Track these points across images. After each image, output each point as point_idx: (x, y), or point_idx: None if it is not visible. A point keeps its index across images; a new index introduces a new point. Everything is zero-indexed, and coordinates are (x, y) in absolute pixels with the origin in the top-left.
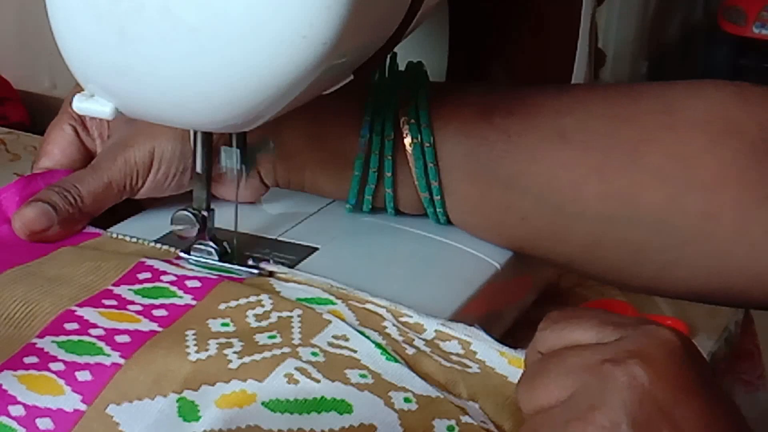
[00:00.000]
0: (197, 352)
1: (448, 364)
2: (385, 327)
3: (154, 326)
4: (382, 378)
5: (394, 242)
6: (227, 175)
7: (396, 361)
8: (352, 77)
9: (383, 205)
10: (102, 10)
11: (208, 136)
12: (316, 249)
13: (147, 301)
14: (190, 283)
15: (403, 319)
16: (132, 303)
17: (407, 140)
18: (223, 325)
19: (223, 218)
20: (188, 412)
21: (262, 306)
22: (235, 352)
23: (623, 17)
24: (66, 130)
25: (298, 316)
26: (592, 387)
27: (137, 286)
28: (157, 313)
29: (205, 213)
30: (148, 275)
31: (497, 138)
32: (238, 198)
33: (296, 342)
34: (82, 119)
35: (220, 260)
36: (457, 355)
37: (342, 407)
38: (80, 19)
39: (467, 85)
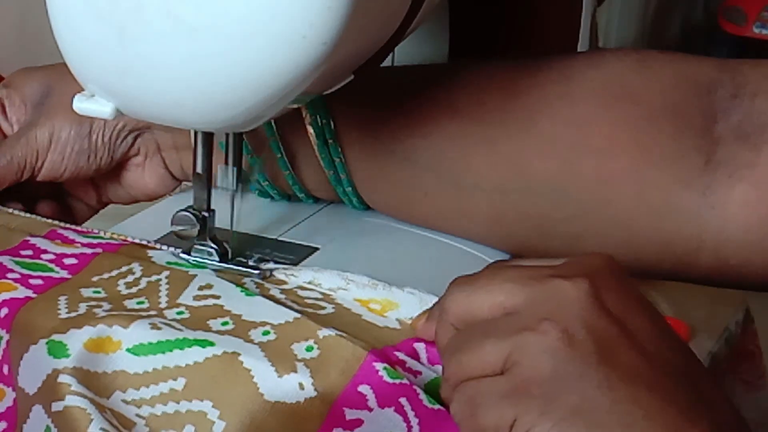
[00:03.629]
0: (68, 312)
1: (300, 307)
2: (244, 282)
3: (29, 293)
4: (242, 320)
5: (394, 242)
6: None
7: (255, 295)
8: (352, 77)
9: (291, 191)
10: (102, 10)
11: (208, 136)
12: (316, 249)
13: (25, 271)
14: (67, 261)
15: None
16: (11, 271)
17: (306, 119)
18: (95, 292)
19: (223, 218)
20: (57, 350)
21: (133, 274)
22: (104, 311)
23: (623, 17)
24: None
25: (166, 277)
26: (540, 302)
27: (17, 258)
28: (33, 282)
29: (205, 213)
30: (29, 252)
31: (391, 114)
32: (144, 190)
33: (163, 306)
34: (2, 104)
35: (220, 261)
36: (314, 299)
37: (204, 343)
38: (80, 19)
39: None
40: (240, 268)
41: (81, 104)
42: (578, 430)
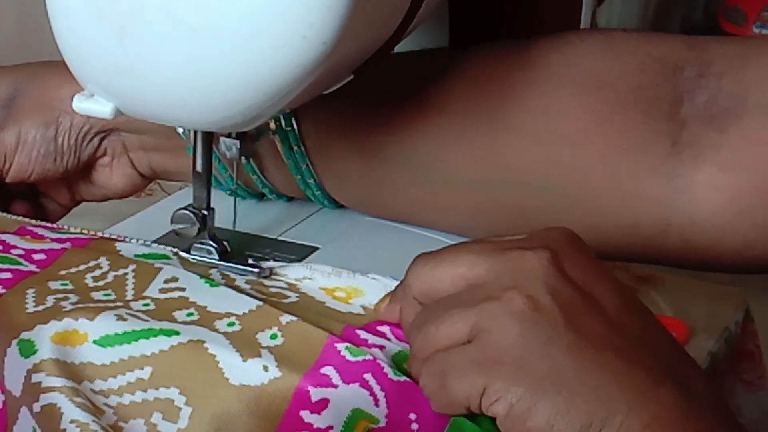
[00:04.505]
0: (35, 306)
1: (263, 296)
2: (210, 274)
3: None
4: (207, 311)
5: (394, 242)
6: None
7: (219, 285)
8: (352, 77)
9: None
10: (102, 10)
11: (208, 136)
12: (316, 249)
13: None
14: (36, 256)
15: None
16: None
17: (271, 124)
18: (63, 284)
19: (223, 218)
20: (26, 349)
21: (100, 268)
22: (71, 303)
23: (623, 17)
24: None
25: (133, 270)
26: (503, 272)
27: None
28: (2, 276)
29: (205, 212)
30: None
31: (358, 111)
32: (114, 189)
33: (129, 298)
34: None
35: (220, 259)
36: (279, 288)
37: (169, 333)
38: (80, 19)
39: None
40: (240, 266)
41: (81, 104)
42: (549, 396)
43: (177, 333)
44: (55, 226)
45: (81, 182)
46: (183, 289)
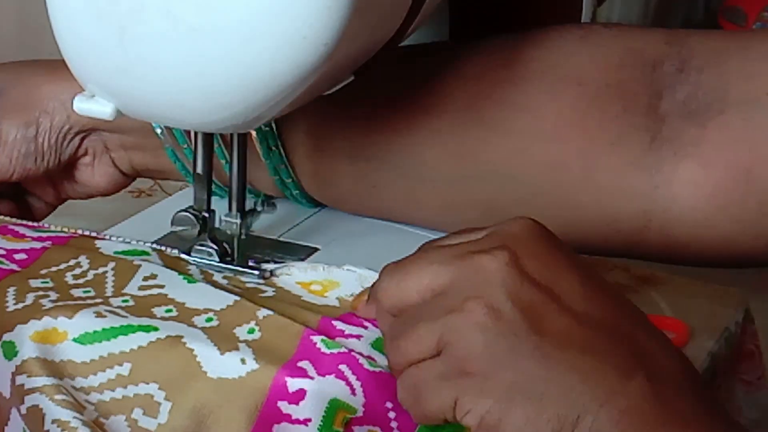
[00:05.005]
0: (15, 303)
1: (241, 291)
2: (189, 269)
3: None
4: (185, 307)
5: (394, 242)
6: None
7: (198, 282)
8: (352, 77)
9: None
10: (102, 10)
11: (208, 136)
12: (316, 249)
13: None
14: (17, 256)
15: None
16: None
17: None
18: (43, 282)
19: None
20: (8, 350)
21: (80, 266)
22: (50, 301)
23: (623, 17)
24: None
25: (112, 268)
26: (464, 281)
27: None
28: None
29: (205, 214)
30: None
31: (336, 111)
32: (97, 188)
33: (108, 294)
34: None
35: (220, 261)
36: (256, 283)
37: (148, 329)
38: (80, 19)
39: None
40: (240, 268)
41: (81, 104)
42: (519, 405)
43: (156, 329)
44: (35, 224)
45: (65, 181)
46: (162, 286)
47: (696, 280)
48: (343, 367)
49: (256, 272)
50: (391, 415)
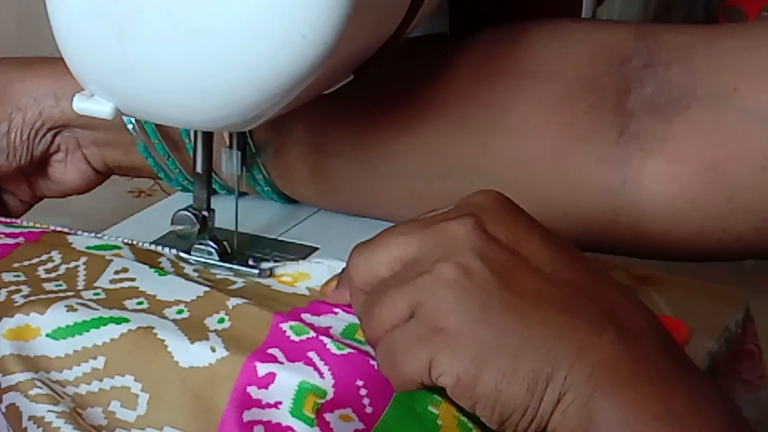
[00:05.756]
0: None
1: (211, 284)
2: (160, 262)
3: None
4: (156, 299)
5: None
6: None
7: (168, 274)
8: (352, 77)
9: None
10: (102, 10)
11: (208, 136)
12: (316, 249)
13: None
14: None
15: (179, 254)
16: None
17: None
18: (15, 276)
19: (224, 218)
20: None
21: (53, 261)
22: (23, 296)
23: (623, 17)
24: None
25: (84, 263)
26: (432, 246)
27: None
28: None
29: (205, 213)
30: None
31: (306, 107)
32: (70, 185)
33: (80, 287)
34: None
35: (220, 260)
36: (225, 275)
37: (119, 320)
38: (80, 19)
39: None
40: (240, 267)
41: (81, 104)
42: (494, 362)
43: (127, 320)
44: (8, 220)
45: (39, 178)
46: (133, 279)
47: (696, 280)
48: (311, 354)
49: (256, 271)
50: (363, 392)
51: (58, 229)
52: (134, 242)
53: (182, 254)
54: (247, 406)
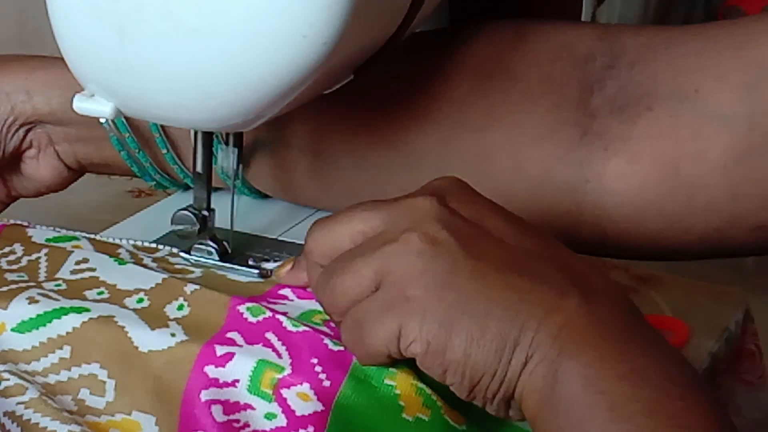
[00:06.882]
0: None
1: (169, 274)
2: (119, 253)
3: None
4: (117, 289)
5: None
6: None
7: (128, 263)
8: (352, 77)
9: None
10: (102, 10)
11: (208, 136)
12: None
13: None
14: None
15: (138, 244)
16: None
17: None
18: None
19: (224, 218)
20: None
21: (15, 254)
22: None
23: (623, 17)
24: None
25: (45, 254)
26: (397, 218)
27: None
28: None
29: (205, 213)
30: None
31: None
32: (43, 182)
33: (42, 279)
34: None
35: (220, 260)
36: (183, 265)
37: (80, 310)
38: (80, 19)
39: None
40: (240, 267)
41: (81, 104)
42: (463, 326)
43: (87, 310)
44: None
45: (13, 175)
46: (93, 269)
47: (696, 280)
48: (269, 335)
49: (256, 271)
50: (318, 369)
51: (18, 222)
52: (93, 236)
53: (183, 254)
54: (204, 385)
